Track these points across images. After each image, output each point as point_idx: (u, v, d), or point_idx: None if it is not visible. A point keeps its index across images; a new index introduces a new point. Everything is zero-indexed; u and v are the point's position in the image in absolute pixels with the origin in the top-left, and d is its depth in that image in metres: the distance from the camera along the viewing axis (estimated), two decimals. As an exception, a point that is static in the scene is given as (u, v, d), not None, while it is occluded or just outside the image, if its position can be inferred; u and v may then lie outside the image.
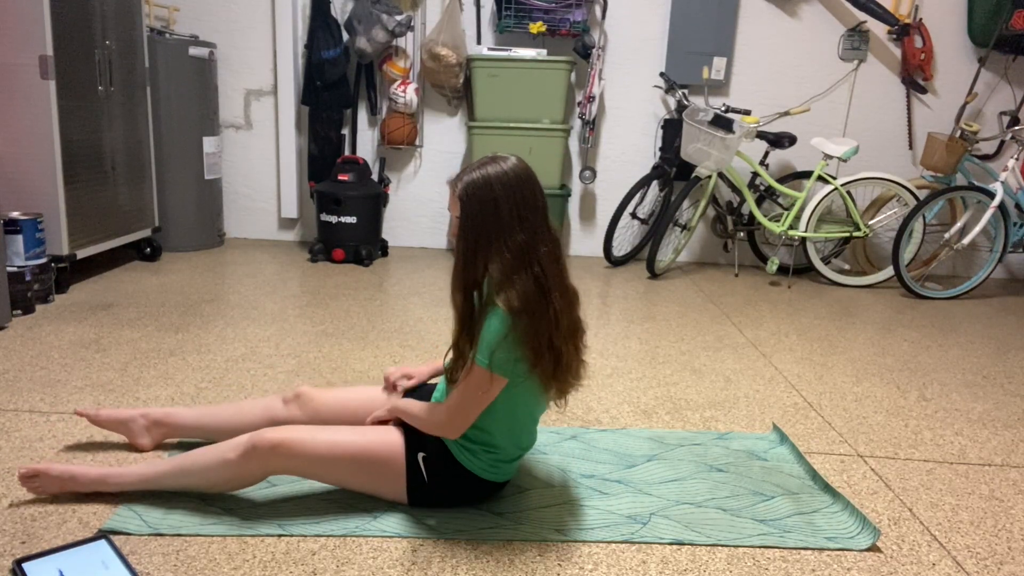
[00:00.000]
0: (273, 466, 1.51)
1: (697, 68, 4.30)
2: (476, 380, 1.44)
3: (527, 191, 1.43)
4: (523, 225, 1.42)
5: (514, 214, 1.41)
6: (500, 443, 1.56)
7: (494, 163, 1.44)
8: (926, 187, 4.16)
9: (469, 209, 1.42)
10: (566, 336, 1.47)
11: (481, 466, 1.57)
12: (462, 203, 1.43)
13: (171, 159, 3.96)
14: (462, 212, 1.43)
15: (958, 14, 4.31)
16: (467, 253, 1.44)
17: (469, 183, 1.42)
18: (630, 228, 4.52)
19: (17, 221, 2.87)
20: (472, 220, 1.42)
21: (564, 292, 1.47)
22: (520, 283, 1.40)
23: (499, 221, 1.41)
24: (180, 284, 3.42)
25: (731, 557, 1.51)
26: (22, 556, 1.37)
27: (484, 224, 1.41)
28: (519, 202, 1.42)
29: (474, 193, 1.42)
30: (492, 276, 1.43)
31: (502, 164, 1.43)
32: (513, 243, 1.41)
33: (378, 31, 3.97)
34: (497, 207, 1.41)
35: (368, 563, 1.42)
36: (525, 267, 1.41)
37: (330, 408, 1.72)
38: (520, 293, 1.40)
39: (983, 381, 2.70)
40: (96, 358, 2.42)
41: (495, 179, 1.41)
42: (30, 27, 2.91)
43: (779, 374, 2.65)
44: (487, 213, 1.41)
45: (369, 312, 3.13)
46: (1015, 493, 1.86)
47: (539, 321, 1.41)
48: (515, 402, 1.52)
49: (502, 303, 1.40)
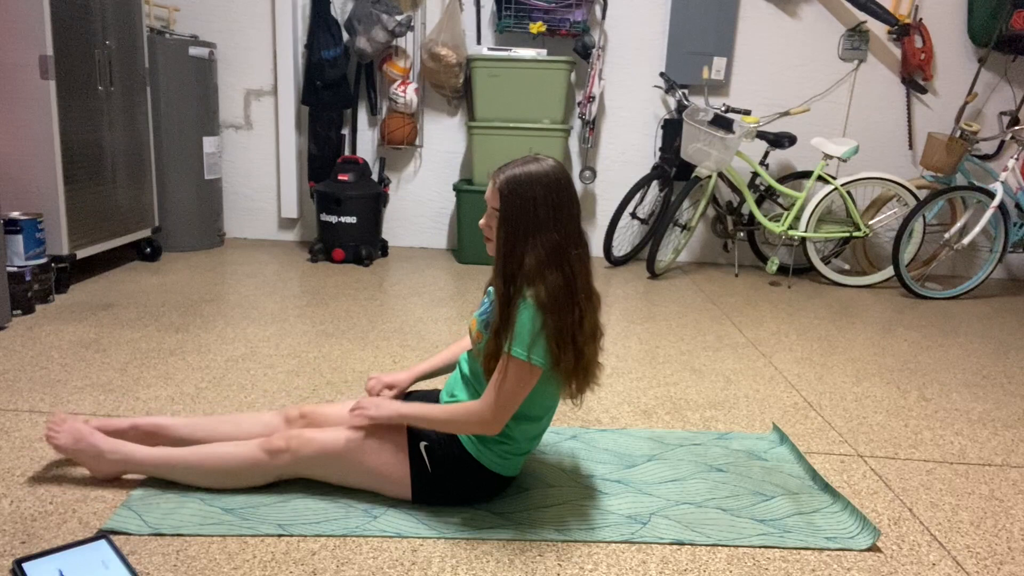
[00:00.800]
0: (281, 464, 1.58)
1: (697, 68, 4.30)
2: (516, 372, 1.47)
3: (564, 194, 1.49)
4: (558, 225, 1.47)
5: (550, 214, 1.46)
6: (515, 435, 1.59)
7: (536, 163, 1.49)
8: (926, 187, 4.16)
9: (509, 202, 1.47)
10: (588, 337, 1.51)
11: (492, 457, 1.58)
12: (502, 196, 1.48)
13: (171, 159, 3.96)
14: (502, 205, 1.48)
15: (958, 14, 4.31)
16: (507, 243, 1.48)
17: (511, 178, 1.47)
18: (630, 228, 4.52)
19: (17, 221, 2.87)
20: (511, 213, 1.47)
21: (590, 295, 1.52)
22: (551, 279, 1.45)
23: (536, 218, 1.46)
24: (180, 284, 3.42)
25: (731, 557, 1.51)
26: (22, 556, 1.37)
27: (522, 219, 1.46)
28: (556, 204, 1.47)
29: (516, 188, 1.47)
30: (526, 269, 1.47)
31: (543, 164, 1.49)
32: (547, 240, 1.46)
33: (378, 31, 3.97)
34: (536, 205, 1.46)
35: (368, 563, 1.42)
36: (557, 265, 1.46)
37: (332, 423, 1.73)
38: (550, 289, 1.44)
39: (983, 381, 2.70)
40: (96, 358, 2.43)
41: (537, 178, 1.47)
42: (30, 27, 2.91)
43: (779, 374, 2.65)
44: (526, 209, 1.46)
45: (369, 312, 3.13)
46: (1015, 493, 1.86)
47: (565, 318, 1.45)
48: (534, 395, 1.55)
49: (531, 296, 1.45)
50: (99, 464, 1.63)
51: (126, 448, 1.63)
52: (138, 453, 1.62)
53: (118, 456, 1.62)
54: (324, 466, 1.60)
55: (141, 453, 1.62)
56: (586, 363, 1.51)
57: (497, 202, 1.49)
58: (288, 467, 1.60)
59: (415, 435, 1.59)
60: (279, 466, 1.59)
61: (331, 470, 1.60)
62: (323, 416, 1.72)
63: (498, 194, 1.48)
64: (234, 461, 1.60)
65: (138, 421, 1.72)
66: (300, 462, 1.59)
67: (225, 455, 1.60)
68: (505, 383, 1.48)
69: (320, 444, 1.58)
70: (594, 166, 4.50)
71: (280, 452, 1.58)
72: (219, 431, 1.71)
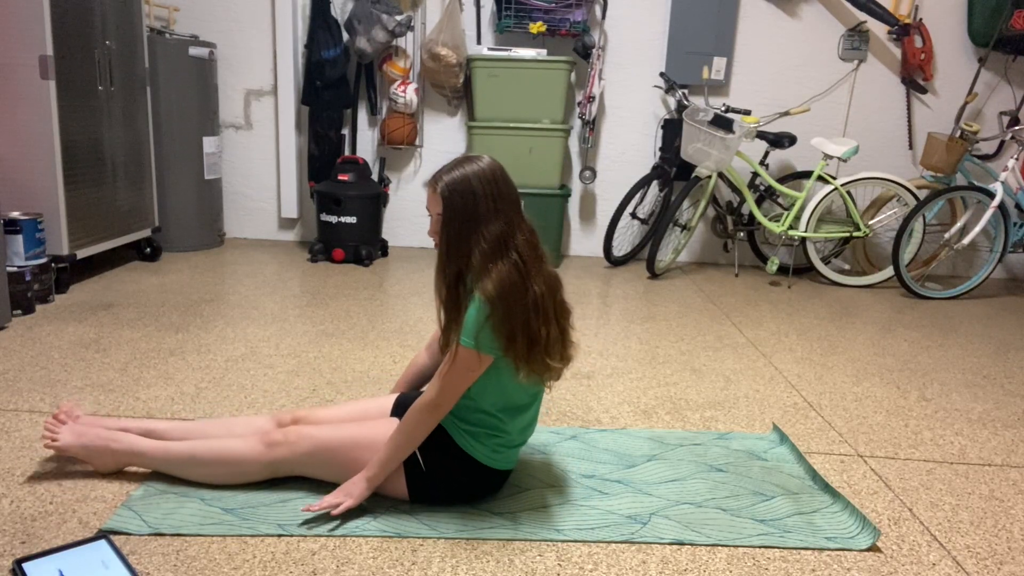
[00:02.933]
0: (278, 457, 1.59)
1: (697, 68, 4.30)
2: (462, 359, 1.49)
3: (502, 185, 1.51)
4: (499, 216, 1.49)
5: (491, 206, 1.49)
6: (507, 428, 1.59)
7: (469, 162, 1.51)
8: (926, 187, 4.16)
9: (451, 204, 1.49)
10: (547, 319, 1.51)
11: (484, 452, 1.59)
12: (444, 200, 1.49)
13: (171, 159, 3.96)
14: (444, 208, 1.50)
15: (958, 14, 4.31)
16: (449, 246, 1.51)
17: (449, 181, 1.49)
18: (630, 228, 4.52)
19: (17, 221, 2.87)
20: (454, 215, 1.49)
21: (545, 278, 1.53)
22: (497, 270, 1.47)
23: (477, 213, 1.48)
24: (180, 284, 3.42)
25: (731, 557, 1.51)
26: (22, 556, 1.37)
27: (464, 217, 1.48)
28: (495, 195, 1.49)
29: (455, 189, 1.48)
30: (473, 266, 1.49)
31: (477, 162, 1.51)
32: (490, 233, 1.48)
33: (378, 31, 3.97)
34: (476, 201, 1.48)
35: (368, 563, 1.42)
36: (503, 255, 1.48)
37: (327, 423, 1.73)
38: (496, 280, 1.46)
39: (983, 381, 2.70)
40: (96, 358, 2.43)
41: (472, 175, 1.49)
42: (30, 27, 2.91)
43: (779, 374, 2.65)
44: (467, 207, 1.48)
45: (369, 312, 3.13)
46: (1015, 493, 1.86)
47: (515, 306, 1.46)
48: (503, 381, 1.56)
49: (480, 291, 1.46)
50: (103, 457, 1.64)
51: (129, 439, 1.64)
52: (141, 445, 1.64)
53: (123, 446, 1.63)
54: (320, 463, 1.60)
55: (144, 444, 1.64)
56: (547, 344, 1.51)
57: (439, 206, 1.50)
58: (284, 461, 1.60)
59: None
60: (276, 459, 1.60)
61: (326, 467, 1.60)
62: (316, 419, 1.73)
63: (439, 199, 1.50)
64: (232, 453, 1.61)
65: (126, 423, 1.72)
66: (296, 457, 1.59)
67: (224, 447, 1.62)
68: (452, 369, 1.49)
69: (317, 440, 1.59)
70: (594, 166, 4.50)
71: (278, 445, 1.59)
72: (210, 433, 1.71)
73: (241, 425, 1.72)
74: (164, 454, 1.63)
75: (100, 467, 1.66)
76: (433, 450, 1.58)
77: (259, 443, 1.60)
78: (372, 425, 1.62)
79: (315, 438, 1.59)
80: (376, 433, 1.59)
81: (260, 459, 1.60)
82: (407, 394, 1.79)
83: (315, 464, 1.61)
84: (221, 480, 1.63)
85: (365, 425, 1.62)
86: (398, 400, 1.76)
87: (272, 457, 1.60)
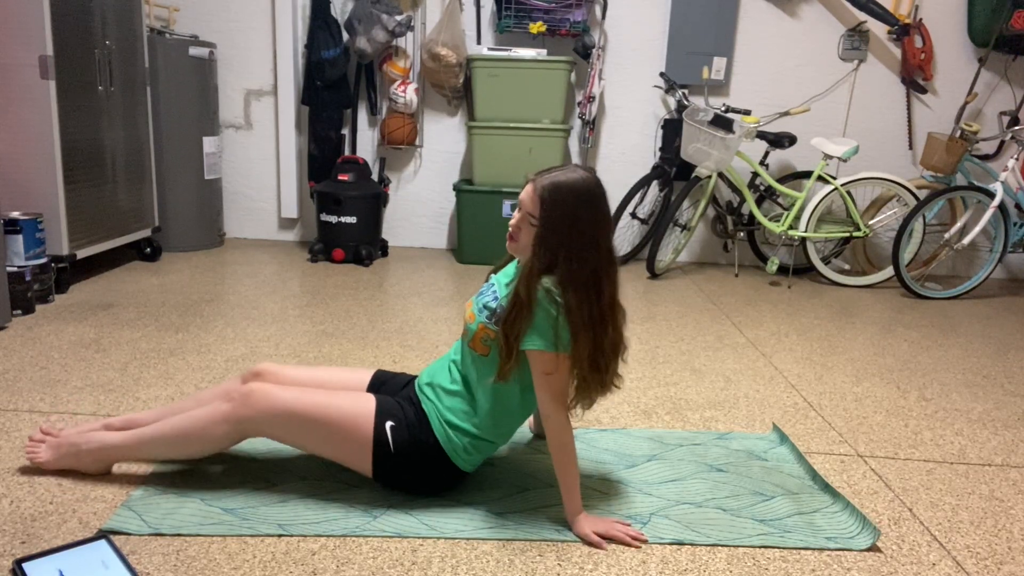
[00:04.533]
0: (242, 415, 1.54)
1: (697, 68, 4.30)
2: (540, 366, 1.50)
3: (601, 210, 1.50)
4: (594, 243, 1.49)
5: (588, 231, 1.48)
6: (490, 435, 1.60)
7: (576, 172, 1.50)
8: (926, 187, 4.16)
9: (548, 211, 1.47)
10: (611, 352, 1.54)
11: (456, 448, 1.59)
12: (543, 202, 1.47)
13: (171, 159, 3.96)
14: (540, 212, 1.47)
15: (958, 14, 4.31)
16: (539, 252, 1.48)
17: (555, 186, 1.47)
18: (630, 228, 4.52)
19: (17, 221, 2.87)
20: (549, 223, 1.47)
21: (616, 309, 1.55)
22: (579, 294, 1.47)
23: (573, 232, 1.47)
24: (180, 284, 3.42)
25: (731, 557, 1.51)
26: (22, 556, 1.37)
27: (560, 229, 1.47)
28: (594, 219, 1.49)
29: (558, 198, 1.47)
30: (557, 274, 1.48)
31: (585, 176, 1.50)
32: (584, 257, 1.47)
33: (378, 31, 3.97)
34: (575, 219, 1.47)
35: (368, 563, 1.42)
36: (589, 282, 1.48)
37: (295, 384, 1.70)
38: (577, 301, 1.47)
39: (983, 381, 2.70)
40: (96, 358, 2.43)
41: (579, 191, 1.48)
42: (30, 27, 2.91)
43: (779, 374, 2.65)
44: (565, 221, 1.47)
45: (369, 312, 3.13)
46: (1015, 493, 1.86)
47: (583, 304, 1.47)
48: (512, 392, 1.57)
49: (552, 286, 1.46)
50: (81, 461, 1.64)
51: (98, 436, 1.64)
52: (110, 438, 1.63)
53: (93, 445, 1.63)
54: (286, 424, 1.55)
55: (113, 438, 1.63)
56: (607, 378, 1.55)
57: (536, 208, 1.48)
58: (249, 419, 1.54)
59: (383, 414, 1.58)
60: (240, 417, 1.54)
61: (292, 430, 1.56)
62: (283, 376, 1.69)
63: (538, 200, 1.47)
64: (198, 421, 1.57)
65: (108, 421, 1.73)
66: (265, 415, 1.54)
67: (189, 416, 1.59)
68: (550, 380, 1.50)
69: (286, 401, 1.54)
70: (594, 166, 4.50)
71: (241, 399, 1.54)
72: (182, 408, 1.71)
73: (209, 393, 1.72)
74: (135, 440, 1.62)
75: (87, 470, 1.66)
76: (403, 433, 1.57)
77: (225, 404, 1.56)
78: (345, 397, 1.58)
79: (284, 400, 1.54)
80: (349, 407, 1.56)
81: (227, 418, 1.55)
82: (384, 371, 1.78)
83: (281, 426, 1.55)
84: (194, 453, 1.62)
85: (339, 396, 1.58)
86: (375, 376, 1.74)
87: (239, 415, 1.54)
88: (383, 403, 1.60)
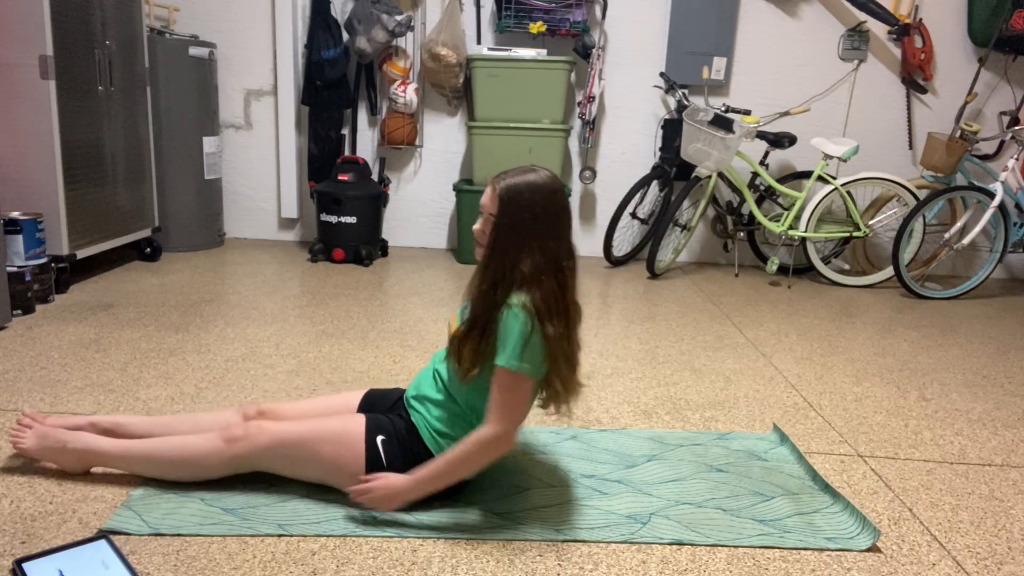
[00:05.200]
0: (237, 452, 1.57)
1: (697, 68, 4.30)
2: (512, 384, 1.48)
3: (561, 205, 1.52)
4: (555, 234, 1.50)
5: (549, 223, 1.49)
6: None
7: (534, 172, 1.51)
8: (926, 187, 4.16)
9: (509, 208, 1.48)
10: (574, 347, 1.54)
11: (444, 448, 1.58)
12: (502, 201, 1.48)
13: (171, 159, 3.96)
14: (500, 210, 1.48)
15: (958, 14, 4.31)
16: (495, 248, 1.49)
17: (512, 185, 1.49)
18: (630, 228, 4.52)
19: (17, 221, 2.87)
20: (510, 219, 1.48)
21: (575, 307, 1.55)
22: (547, 286, 1.47)
23: (535, 225, 1.48)
24: (180, 284, 3.42)
25: (731, 557, 1.51)
26: (22, 556, 1.37)
27: (521, 225, 1.48)
28: (554, 213, 1.50)
29: (516, 195, 1.48)
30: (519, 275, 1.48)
31: (542, 175, 1.51)
32: (545, 248, 1.48)
33: (378, 31, 3.97)
34: (535, 212, 1.48)
35: (368, 563, 1.42)
36: (552, 273, 1.48)
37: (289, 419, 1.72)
38: (544, 295, 1.46)
39: (983, 381, 2.70)
40: (96, 358, 2.43)
41: (536, 187, 1.49)
42: (30, 27, 2.91)
43: (779, 374, 2.65)
44: (525, 216, 1.48)
45: (369, 312, 3.13)
46: (1015, 493, 1.86)
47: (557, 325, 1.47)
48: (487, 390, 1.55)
49: (520, 305, 1.45)
50: (64, 457, 1.64)
51: (87, 438, 1.64)
52: (99, 443, 1.63)
53: (79, 446, 1.63)
54: (280, 456, 1.58)
55: (102, 444, 1.63)
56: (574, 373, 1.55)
57: (495, 208, 1.49)
58: (244, 456, 1.58)
59: (373, 428, 1.59)
60: (236, 455, 1.58)
61: (286, 461, 1.58)
62: (281, 413, 1.72)
63: (497, 200, 1.49)
64: (192, 450, 1.59)
65: (96, 419, 1.72)
66: (256, 451, 1.57)
67: (184, 444, 1.60)
68: (505, 397, 1.49)
69: (277, 433, 1.58)
70: (594, 166, 4.50)
71: (237, 440, 1.57)
72: (176, 428, 1.71)
73: (207, 420, 1.72)
74: (123, 452, 1.62)
75: (66, 467, 1.66)
76: (395, 447, 1.58)
77: (219, 439, 1.58)
78: (335, 420, 1.61)
79: (275, 432, 1.58)
80: (338, 428, 1.58)
81: (220, 454, 1.58)
82: (376, 390, 1.79)
83: (275, 458, 1.59)
84: (183, 478, 1.63)
85: (328, 420, 1.61)
86: (365, 396, 1.76)
87: (232, 453, 1.58)
88: (373, 420, 1.61)
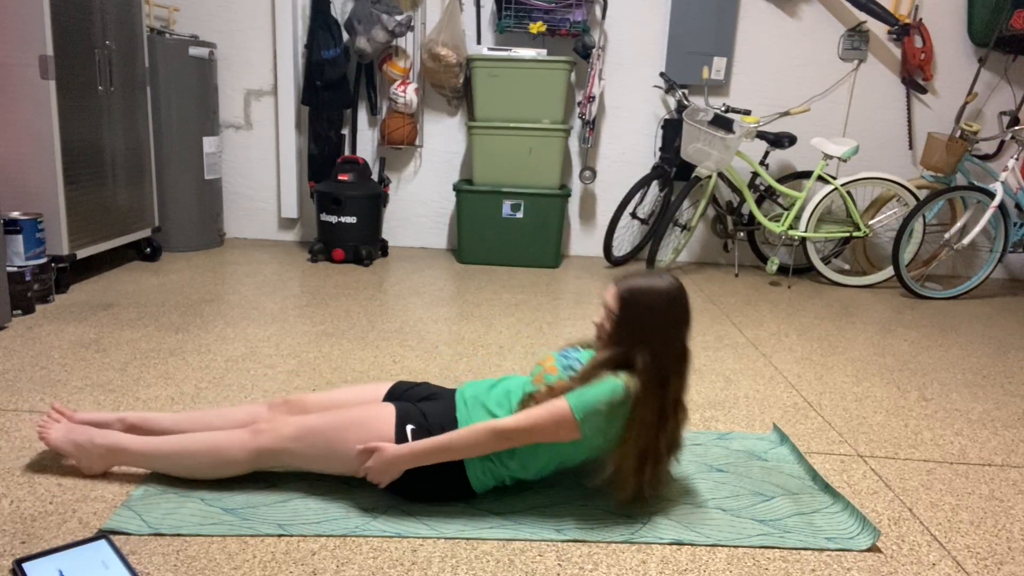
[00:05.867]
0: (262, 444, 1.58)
1: (697, 68, 4.30)
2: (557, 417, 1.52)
3: (678, 314, 1.57)
4: (671, 340, 1.56)
5: (666, 329, 1.56)
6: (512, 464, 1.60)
7: (659, 277, 1.58)
8: (926, 187, 4.16)
9: (629, 309, 1.56)
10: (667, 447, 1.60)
11: (476, 467, 1.58)
12: (622, 300, 1.56)
13: (171, 159, 3.96)
14: (621, 309, 1.56)
15: (958, 14, 4.31)
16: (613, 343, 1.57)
17: (634, 287, 1.57)
18: (630, 228, 4.52)
19: (17, 221, 2.87)
20: (629, 319, 1.56)
21: (682, 408, 1.61)
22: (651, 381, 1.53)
23: (654, 329, 1.55)
24: (180, 284, 3.42)
25: (731, 557, 1.51)
26: (22, 556, 1.37)
27: (638, 326, 1.55)
28: (673, 320, 1.56)
29: (636, 296, 1.56)
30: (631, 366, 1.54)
31: (666, 280, 1.57)
32: (658, 351, 1.54)
33: (378, 31, 3.97)
34: (654, 317, 1.55)
35: (368, 563, 1.42)
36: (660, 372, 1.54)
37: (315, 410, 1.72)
38: (644, 386, 1.52)
39: (983, 381, 2.70)
40: (96, 358, 2.43)
41: (658, 291, 1.56)
42: (30, 27, 2.91)
43: (779, 374, 2.65)
44: (644, 318, 1.55)
45: (369, 312, 3.13)
46: (1015, 493, 1.86)
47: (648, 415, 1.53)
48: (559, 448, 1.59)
49: (625, 380, 1.52)
50: (89, 455, 1.63)
51: (114, 436, 1.64)
52: (125, 441, 1.63)
53: (107, 443, 1.62)
54: (306, 446, 1.57)
55: (128, 441, 1.63)
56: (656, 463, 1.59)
57: (615, 305, 1.56)
58: (269, 448, 1.58)
59: (403, 418, 1.59)
60: (261, 446, 1.58)
61: (312, 451, 1.58)
62: (308, 403, 1.73)
63: (619, 299, 1.56)
64: (217, 443, 1.59)
65: (124, 414, 1.73)
66: (282, 441, 1.57)
67: (209, 438, 1.61)
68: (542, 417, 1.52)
69: (303, 422, 1.58)
70: (594, 166, 4.50)
71: (262, 432, 1.58)
72: (205, 423, 1.71)
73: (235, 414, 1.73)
74: (149, 450, 1.61)
75: (87, 467, 1.65)
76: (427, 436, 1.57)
77: (245, 432, 1.59)
78: (362, 408, 1.61)
79: (300, 421, 1.59)
80: (365, 415, 1.58)
81: (244, 446, 1.58)
82: (404, 382, 1.79)
83: (302, 449, 1.58)
84: (207, 474, 1.63)
85: (355, 408, 1.61)
86: (392, 388, 1.76)
87: (257, 444, 1.58)
88: (402, 408, 1.61)
